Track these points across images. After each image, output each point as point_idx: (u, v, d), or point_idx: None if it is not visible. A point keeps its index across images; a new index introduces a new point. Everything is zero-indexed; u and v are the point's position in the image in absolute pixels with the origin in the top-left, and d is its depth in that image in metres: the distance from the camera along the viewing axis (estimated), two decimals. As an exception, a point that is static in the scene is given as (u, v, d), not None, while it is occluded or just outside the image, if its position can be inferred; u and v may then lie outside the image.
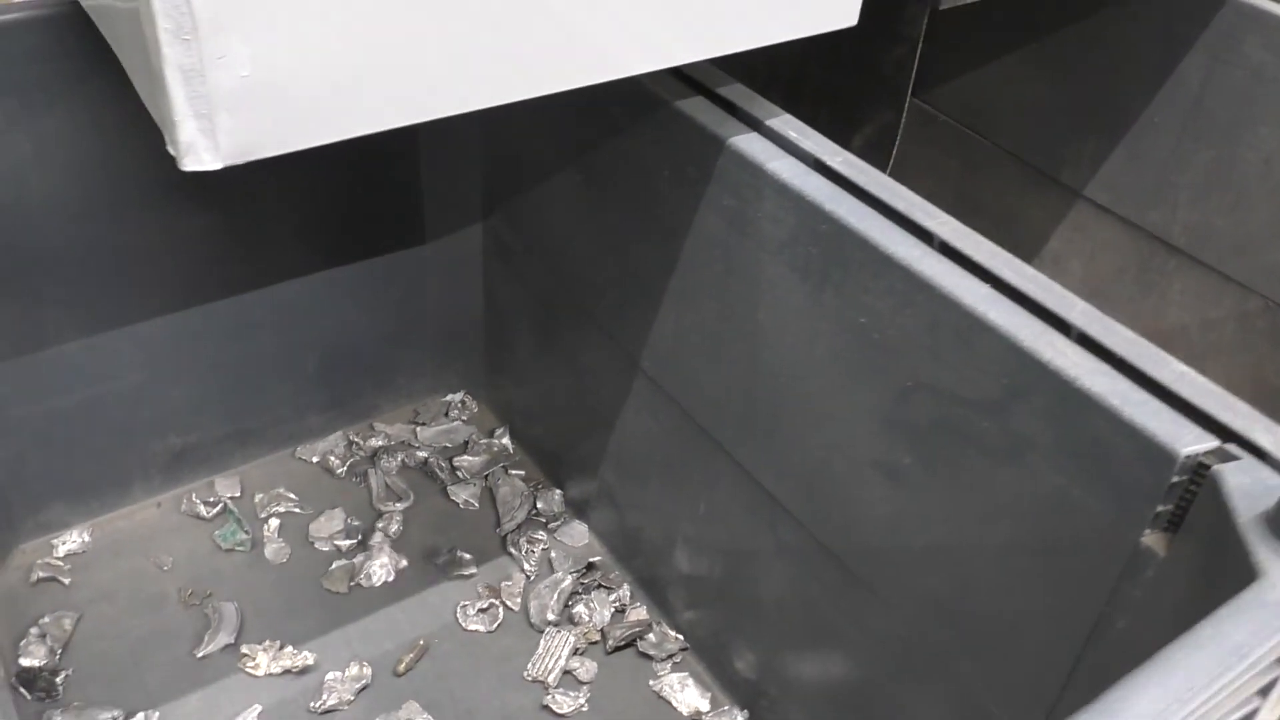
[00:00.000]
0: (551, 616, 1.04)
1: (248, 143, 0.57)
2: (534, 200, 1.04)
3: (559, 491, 1.17)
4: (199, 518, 1.11)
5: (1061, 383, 0.60)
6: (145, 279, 1.01)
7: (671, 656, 1.01)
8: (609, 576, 1.08)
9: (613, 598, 1.06)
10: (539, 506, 1.15)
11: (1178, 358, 1.23)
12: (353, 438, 1.22)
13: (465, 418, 1.26)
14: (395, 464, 1.19)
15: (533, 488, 1.18)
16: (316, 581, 1.07)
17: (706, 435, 0.91)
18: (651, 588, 1.07)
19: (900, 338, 0.69)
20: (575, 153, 0.95)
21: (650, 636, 1.03)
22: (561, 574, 1.07)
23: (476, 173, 1.14)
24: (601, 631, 1.03)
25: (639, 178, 0.88)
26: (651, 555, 1.05)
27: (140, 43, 0.54)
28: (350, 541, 1.10)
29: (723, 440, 0.89)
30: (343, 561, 1.08)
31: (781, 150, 0.77)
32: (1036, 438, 0.62)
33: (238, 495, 1.14)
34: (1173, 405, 0.58)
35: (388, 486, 1.16)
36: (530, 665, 1.00)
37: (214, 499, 1.13)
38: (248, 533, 1.10)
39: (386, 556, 1.08)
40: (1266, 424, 0.57)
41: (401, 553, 1.09)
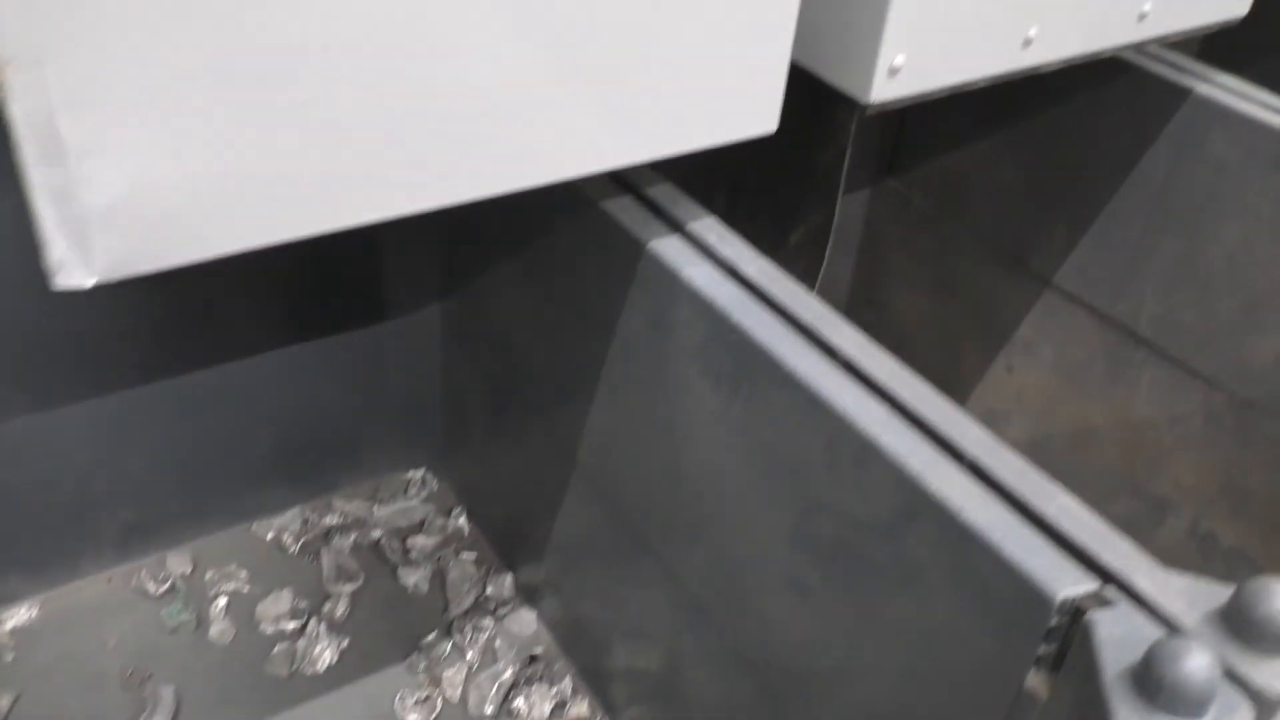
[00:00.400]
0: (489, 710, 1.02)
1: (123, 260, 0.57)
2: (485, 283, 1.04)
3: (510, 576, 1.16)
4: (147, 595, 1.11)
5: (947, 515, 0.58)
6: (98, 355, 1.02)
7: (608, 754, 1.00)
8: (553, 668, 1.07)
9: (554, 691, 1.04)
10: (489, 592, 1.14)
11: (1147, 451, 1.21)
12: (309, 514, 1.21)
13: (425, 496, 1.26)
14: (348, 543, 1.19)
15: (484, 571, 1.17)
16: (258, 665, 1.06)
17: (637, 532, 0.90)
18: (596, 681, 1.05)
19: (802, 454, 0.68)
20: (516, 243, 0.95)
21: (588, 732, 1.01)
22: (503, 664, 1.06)
23: (437, 250, 1.14)
24: (540, 725, 1.02)
25: (571, 274, 0.87)
26: (596, 647, 1.04)
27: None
28: (295, 623, 1.09)
29: (651, 540, 0.88)
30: (286, 645, 1.07)
31: (700, 255, 0.76)
32: (927, 567, 0.61)
33: (189, 571, 1.14)
34: (1056, 542, 0.56)
35: (339, 567, 1.16)
36: (463, 759, 0.98)
37: (164, 575, 1.13)
38: (193, 613, 1.10)
39: (330, 641, 1.07)
40: (1148, 566, 0.55)
41: (346, 637, 1.09)
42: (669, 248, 0.77)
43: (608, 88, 0.67)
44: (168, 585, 1.12)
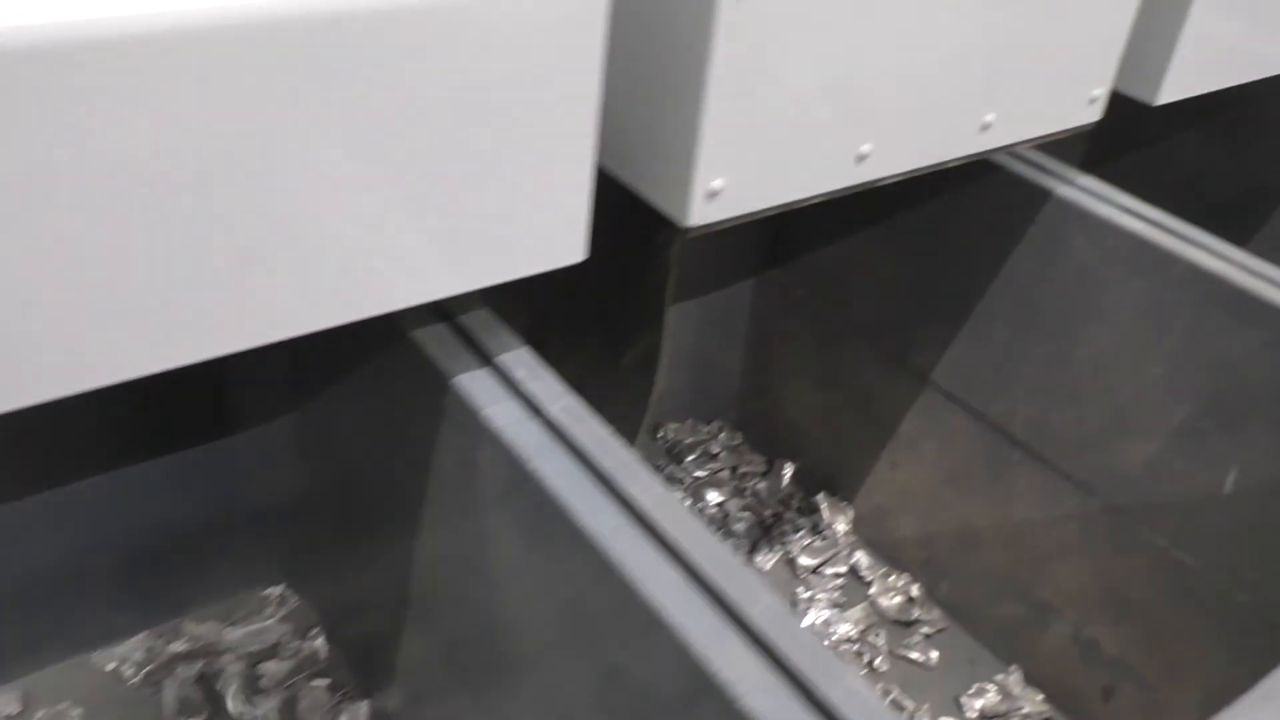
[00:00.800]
0: None
1: None
2: (327, 396, 1.00)
3: (367, 703, 1.10)
4: (-33, 738, 1.04)
5: (726, 700, 0.53)
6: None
7: None
8: (400, 807, 1.00)
9: (399, 833, 0.98)
10: (339, 722, 1.08)
11: (1028, 555, 1.17)
12: (155, 641, 1.14)
13: (282, 615, 1.19)
14: (194, 672, 1.12)
15: (339, 697, 1.10)
16: (82, 813, 0.99)
17: (464, 671, 0.85)
18: (445, 820, 0.99)
19: (599, 616, 0.63)
20: (344, 363, 0.90)
21: None
22: (345, 806, 0.99)
23: (283, 359, 1.09)
24: None
25: (388, 402, 0.83)
26: (442, 786, 0.98)
27: None
28: (126, 766, 1.02)
29: (474, 682, 0.83)
30: (114, 789, 1.00)
31: (506, 391, 0.72)
32: (716, 751, 0.56)
33: (16, 713, 1.07)
34: (839, 732, 0.52)
35: (182, 700, 1.09)
36: None
37: (-10, 714, 1.05)
38: (14, 758, 1.02)
39: (162, 783, 1.00)
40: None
41: (180, 779, 1.02)
42: (474, 383, 0.73)
43: (408, 225, 0.64)
44: (-10, 727, 1.05)
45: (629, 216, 0.79)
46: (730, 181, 0.75)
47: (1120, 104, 1.03)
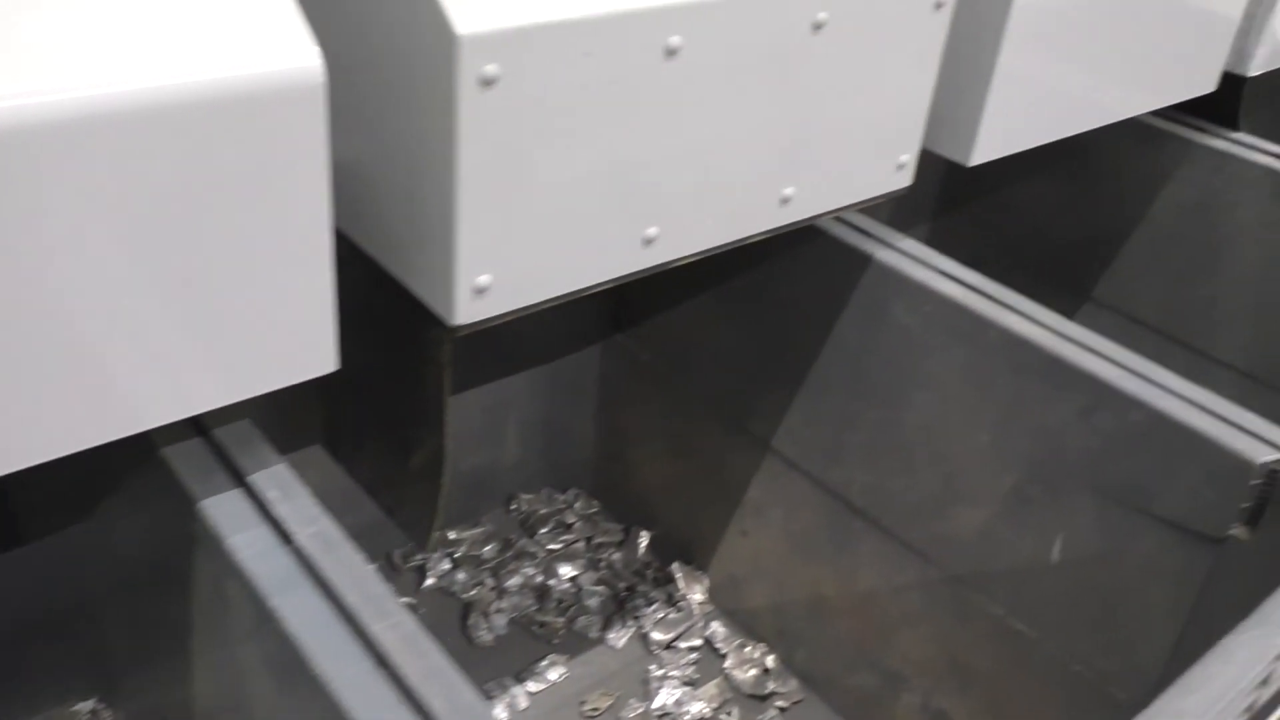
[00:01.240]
0: None
1: None
2: (95, 514, 0.93)
3: (178, 826, 1.02)
4: None
5: None
6: None
7: None
8: None
9: None
10: None
11: (876, 623, 1.14)
12: (-55, 770, 1.05)
13: (93, 732, 1.11)
14: (-13, 804, 1.03)
15: (149, 822, 1.02)
16: None
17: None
18: None
19: (343, 768, 0.58)
20: (105, 482, 0.84)
21: None
22: None
23: (66, 467, 1.01)
24: None
25: (146, 525, 0.77)
26: None
27: None
28: None
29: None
30: None
31: (256, 515, 0.67)
32: None
33: None
34: None
35: (-30, 836, 1.00)
36: None
37: None
38: None
39: None
40: None
41: None
42: (222, 507, 0.67)
43: (149, 341, 0.59)
44: None
45: (406, 313, 0.75)
46: (499, 276, 0.71)
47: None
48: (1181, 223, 1.40)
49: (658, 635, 1.29)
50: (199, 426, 0.73)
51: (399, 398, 0.80)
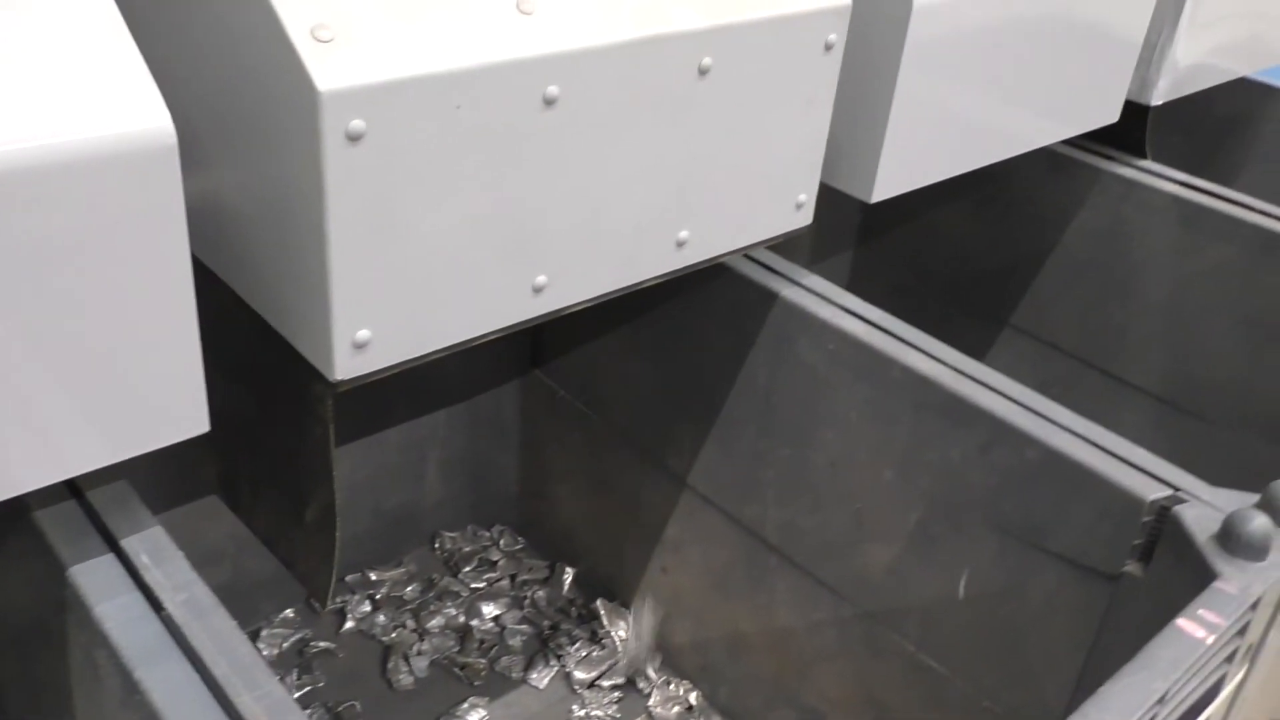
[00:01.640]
0: None
1: None
2: None
3: None
4: None
5: None
6: None
7: None
8: None
9: None
10: None
11: (793, 660, 1.14)
12: None
13: (-9, 793, 1.08)
14: None
15: None
16: None
17: None
18: None
19: None
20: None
21: None
22: None
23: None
24: None
25: (18, 589, 0.74)
26: None
27: None
28: None
29: None
30: None
31: (128, 582, 0.65)
32: None
33: None
34: None
35: None
36: None
37: None
38: None
39: None
40: None
41: None
42: (93, 574, 0.65)
43: (16, 406, 0.58)
44: None
45: (290, 366, 0.73)
46: (379, 331, 0.70)
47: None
48: (1094, 249, 1.41)
49: (580, 674, 1.28)
50: (73, 488, 0.71)
51: (289, 450, 0.78)
